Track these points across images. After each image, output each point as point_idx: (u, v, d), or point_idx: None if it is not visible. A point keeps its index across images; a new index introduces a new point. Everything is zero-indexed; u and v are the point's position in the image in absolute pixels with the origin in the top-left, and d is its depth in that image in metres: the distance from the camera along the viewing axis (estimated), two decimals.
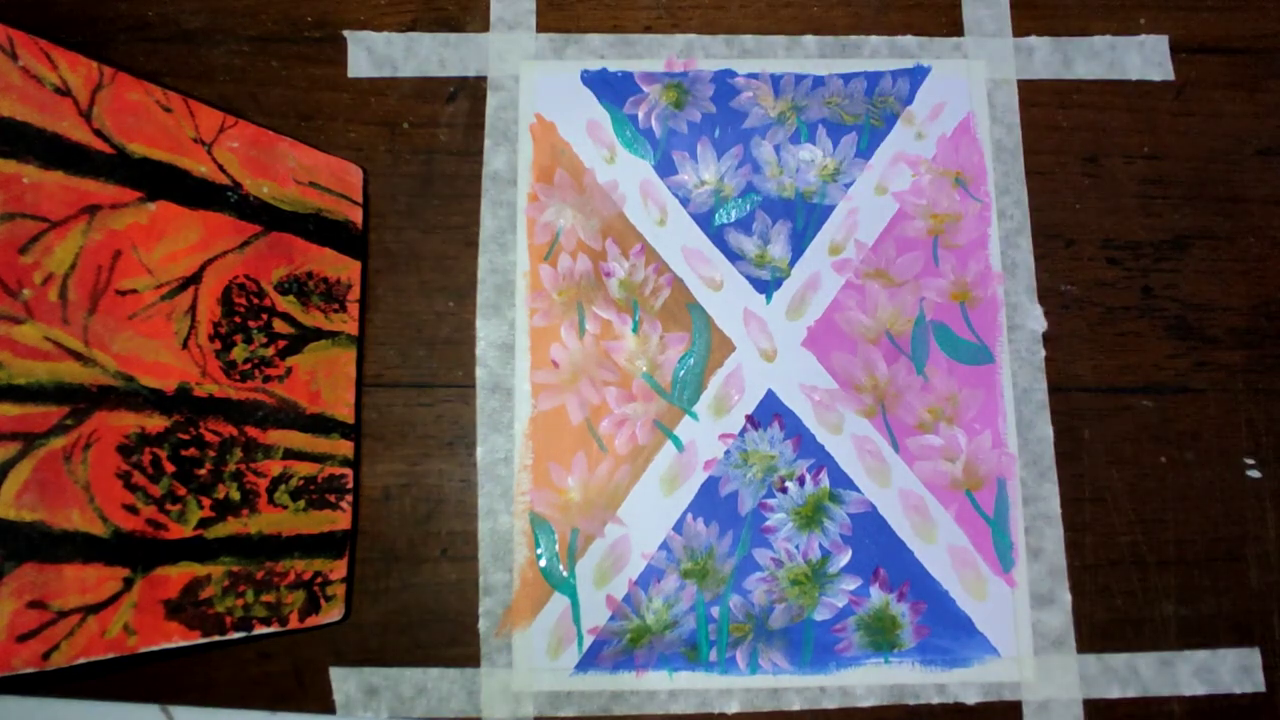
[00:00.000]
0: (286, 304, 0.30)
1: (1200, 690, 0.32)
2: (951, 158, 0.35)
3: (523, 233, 0.34)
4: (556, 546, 0.32)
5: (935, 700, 0.31)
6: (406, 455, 0.33)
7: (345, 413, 0.32)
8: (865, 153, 0.35)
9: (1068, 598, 0.32)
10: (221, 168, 0.29)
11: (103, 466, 0.24)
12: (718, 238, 0.34)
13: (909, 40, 0.36)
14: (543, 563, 0.32)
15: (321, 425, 0.31)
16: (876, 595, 0.32)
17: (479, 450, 0.33)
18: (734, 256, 0.34)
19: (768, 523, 0.33)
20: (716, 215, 0.35)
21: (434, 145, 0.35)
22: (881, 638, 0.32)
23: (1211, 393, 0.34)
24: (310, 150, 0.32)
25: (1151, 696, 0.32)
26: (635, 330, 0.34)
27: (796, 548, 0.32)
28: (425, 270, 0.34)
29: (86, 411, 0.24)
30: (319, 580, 0.30)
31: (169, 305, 0.27)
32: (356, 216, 0.33)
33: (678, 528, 0.32)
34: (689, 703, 0.31)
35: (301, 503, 0.30)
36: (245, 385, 0.29)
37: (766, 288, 0.34)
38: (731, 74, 0.35)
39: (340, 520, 0.31)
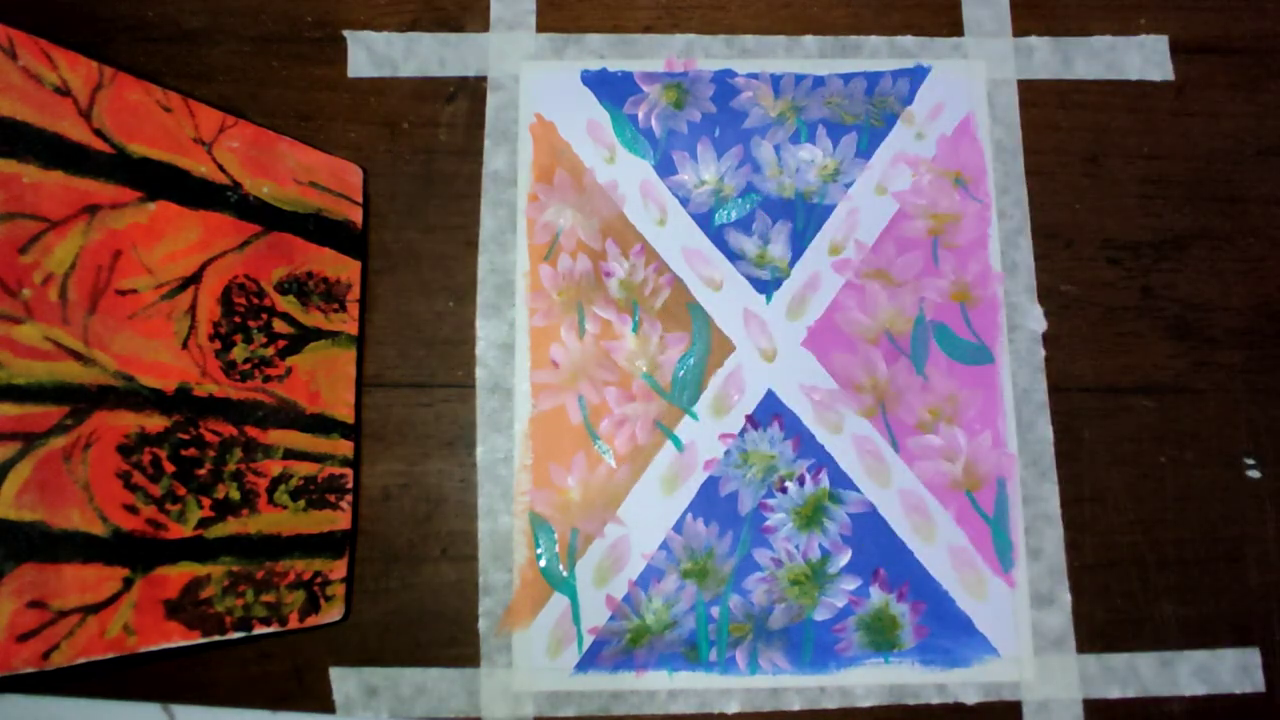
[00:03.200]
0: (286, 304, 0.30)
1: (1200, 690, 0.32)
2: (951, 158, 0.35)
3: (523, 233, 0.34)
4: (556, 546, 0.32)
5: (935, 700, 0.31)
6: (406, 455, 0.33)
7: (345, 413, 0.32)
8: (865, 153, 0.35)
9: (1068, 598, 0.32)
10: (221, 168, 0.29)
11: (103, 466, 0.24)
12: (718, 238, 0.34)
13: (909, 40, 0.36)
14: (543, 563, 0.32)
15: (321, 425, 0.31)
16: (876, 595, 0.32)
17: (479, 450, 0.33)
18: (734, 256, 0.34)
19: (767, 523, 0.33)
20: (716, 215, 0.35)
21: (434, 145, 0.35)
22: (881, 638, 0.32)
23: (1211, 393, 0.34)
24: (310, 150, 0.32)
25: (1151, 697, 0.32)
26: (635, 330, 0.34)
27: (796, 548, 0.32)
28: (425, 270, 0.34)
29: (86, 411, 0.24)
30: (319, 580, 0.30)
31: (169, 305, 0.27)
32: (356, 216, 0.33)
33: (678, 528, 0.32)
34: (689, 703, 0.31)
35: (301, 503, 0.30)
36: (245, 385, 0.29)
37: (766, 288, 0.34)
38: (731, 74, 0.35)
39: (340, 520, 0.31)
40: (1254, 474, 0.33)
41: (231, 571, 0.28)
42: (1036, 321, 0.34)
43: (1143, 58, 0.36)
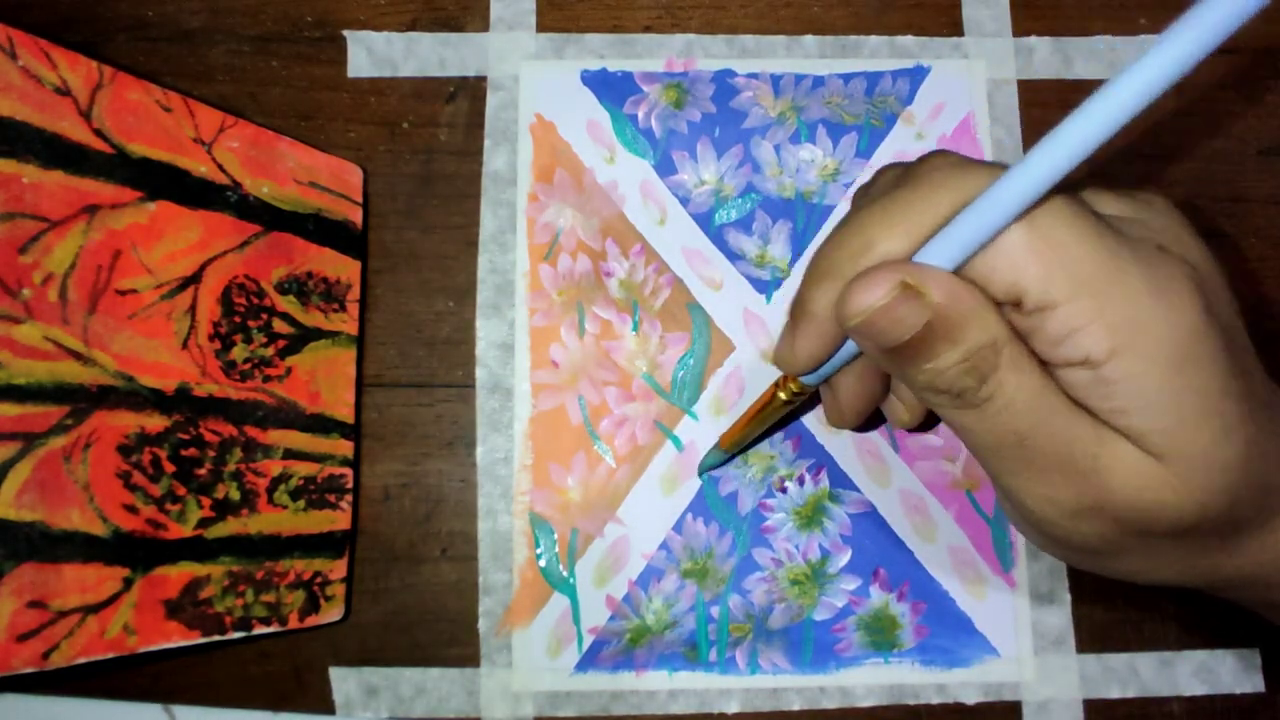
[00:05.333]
0: (286, 304, 0.30)
1: (1200, 690, 0.32)
2: None
3: (523, 233, 0.34)
4: (556, 547, 0.32)
5: (935, 700, 0.31)
6: (406, 455, 0.33)
7: (345, 413, 0.32)
8: (865, 153, 0.35)
9: (1068, 598, 0.32)
10: (221, 167, 0.29)
11: (103, 466, 0.24)
12: (718, 238, 0.34)
13: (909, 40, 0.36)
14: (543, 563, 0.32)
15: (321, 425, 0.31)
16: (876, 595, 0.32)
17: (479, 450, 0.33)
18: (734, 256, 0.34)
19: (767, 523, 0.33)
20: (716, 215, 0.35)
21: (434, 145, 0.35)
22: (881, 638, 0.32)
23: None
24: (310, 150, 0.32)
25: (1151, 696, 0.32)
26: (635, 330, 0.34)
27: (796, 548, 0.32)
28: (425, 270, 0.34)
29: (86, 411, 0.24)
30: (319, 580, 0.30)
31: (169, 305, 0.27)
32: (356, 216, 0.33)
33: (677, 528, 0.32)
34: (689, 703, 0.31)
35: (301, 503, 0.30)
36: (245, 385, 0.29)
37: (766, 288, 0.34)
38: (731, 74, 0.35)
39: (340, 520, 0.31)
40: None
41: (231, 571, 0.28)
42: None
43: None
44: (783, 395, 0.27)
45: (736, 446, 0.31)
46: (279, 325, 0.30)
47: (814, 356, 0.23)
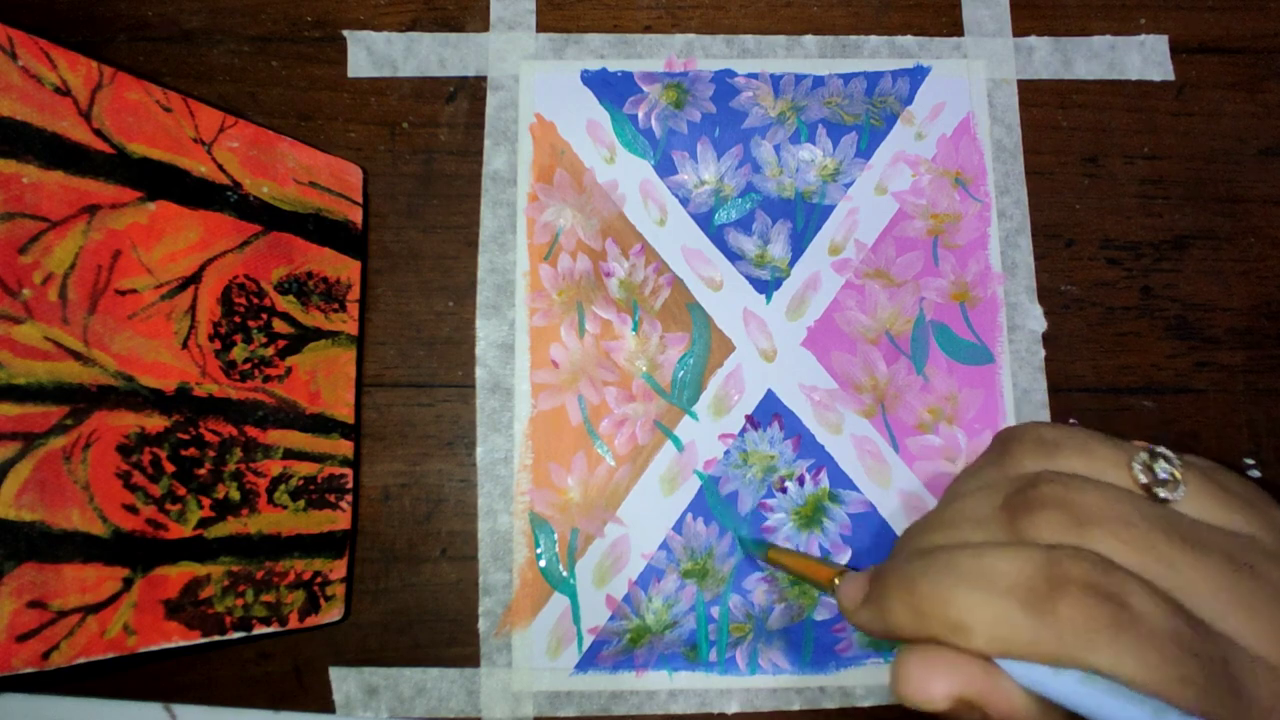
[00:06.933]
0: (286, 304, 0.30)
1: None
2: (951, 158, 0.35)
3: (523, 233, 0.34)
4: (556, 547, 0.32)
5: None
6: (406, 455, 0.33)
7: (345, 413, 0.32)
8: (865, 153, 0.35)
9: None
10: (221, 167, 0.29)
11: (102, 466, 0.24)
12: (718, 238, 0.34)
13: (909, 40, 0.36)
14: (542, 563, 0.32)
15: (321, 425, 0.31)
16: None
17: (479, 450, 0.33)
18: (734, 256, 0.34)
19: (767, 523, 0.33)
20: (716, 215, 0.35)
21: (434, 145, 0.35)
22: None
23: (1211, 393, 0.34)
24: (310, 150, 0.32)
25: None
26: (635, 330, 0.34)
27: (796, 548, 0.32)
28: (425, 270, 0.34)
29: (86, 411, 0.24)
30: (319, 580, 0.30)
31: (169, 305, 0.27)
32: (356, 216, 0.33)
33: (677, 528, 0.32)
34: (689, 703, 0.31)
35: (301, 503, 0.30)
36: (245, 385, 0.29)
37: (766, 288, 0.34)
38: (731, 74, 0.35)
39: (340, 520, 0.31)
40: (1254, 474, 0.33)
41: (231, 571, 0.28)
42: (1036, 321, 0.34)
43: (1143, 58, 0.36)
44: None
45: (770, 563, 0.31)
46: (279, 325, 0.30)
47: (872, 632, 0.22)
